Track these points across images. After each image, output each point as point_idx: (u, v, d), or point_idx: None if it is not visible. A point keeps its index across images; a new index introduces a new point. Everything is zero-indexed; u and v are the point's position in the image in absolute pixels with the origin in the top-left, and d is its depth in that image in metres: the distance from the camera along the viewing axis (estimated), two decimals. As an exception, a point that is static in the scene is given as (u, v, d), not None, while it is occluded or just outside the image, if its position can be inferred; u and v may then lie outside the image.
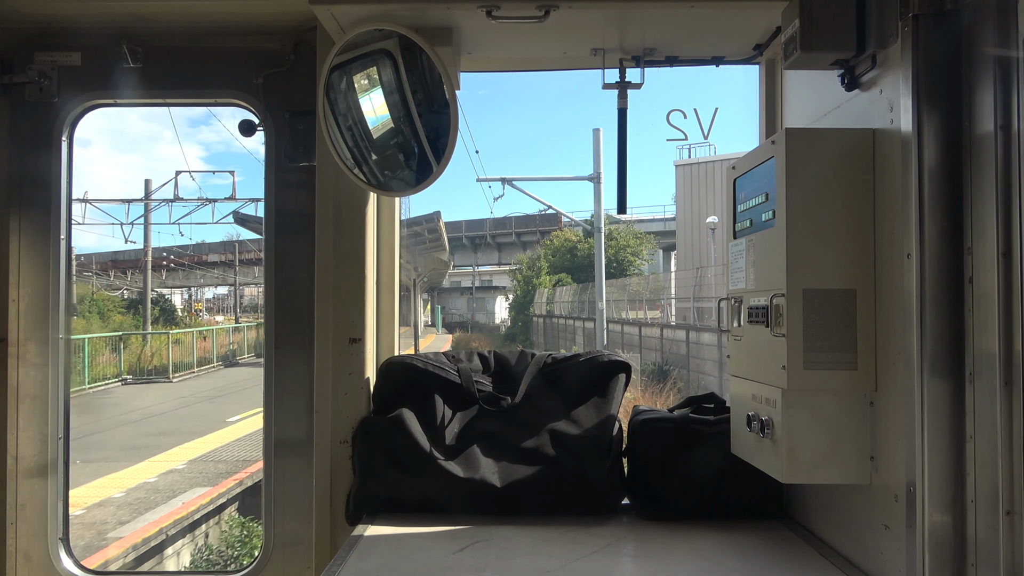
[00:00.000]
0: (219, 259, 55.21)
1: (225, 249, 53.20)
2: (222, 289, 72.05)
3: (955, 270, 1.51)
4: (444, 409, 2.42)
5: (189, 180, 61.82)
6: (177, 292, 64.43)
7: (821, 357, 1.79)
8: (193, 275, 59.66)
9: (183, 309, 57.33)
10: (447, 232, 63.62)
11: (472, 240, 66.39)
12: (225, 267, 54.61)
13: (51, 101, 2.59)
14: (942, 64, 1.53)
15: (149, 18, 2.55)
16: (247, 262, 51.40)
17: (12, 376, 2.58)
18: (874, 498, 1.77)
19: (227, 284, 58.82)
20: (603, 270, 26.07)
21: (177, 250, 54.71)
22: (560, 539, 2.14)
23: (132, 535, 10.03)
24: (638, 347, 28.94)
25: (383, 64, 2.25)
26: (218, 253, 55.12)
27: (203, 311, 62.12)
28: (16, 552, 2.57)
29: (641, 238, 45.81)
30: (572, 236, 48.53)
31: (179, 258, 55.35)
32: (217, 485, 12.56)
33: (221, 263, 54.94)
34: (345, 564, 1.95)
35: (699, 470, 2.29)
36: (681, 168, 42.18)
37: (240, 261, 49.16)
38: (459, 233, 65.76)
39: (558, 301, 42.69)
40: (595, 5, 2.07)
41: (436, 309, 65.38)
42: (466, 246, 66.98)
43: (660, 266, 47.42)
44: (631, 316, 33.56)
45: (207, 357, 33.32)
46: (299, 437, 2.57)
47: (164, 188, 32.62)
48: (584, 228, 48.16)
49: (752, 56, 2.42)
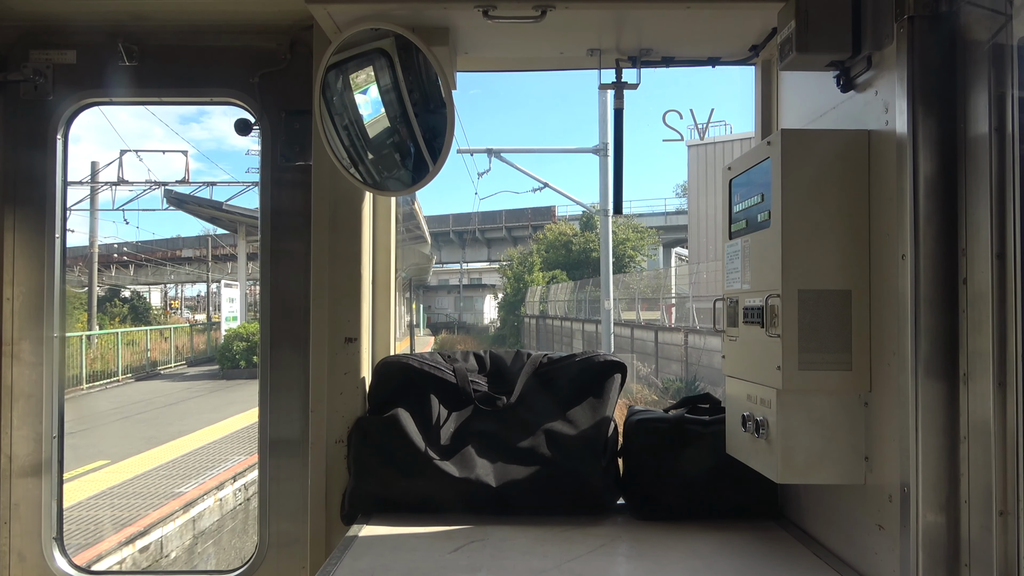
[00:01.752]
0: (193, 254, 51.12)
1: (200, 244, 48.87)
2: (208, 286, 69.89)
3: (949, 271, 1.52)
4: (439, 409, 2.42)
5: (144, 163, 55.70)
6: (157, 289, 61.15)
7: (816, 358, 1.79)
8: (165, 271, 56.37)
9: (159, 307, 54.13)
10: (430, 226, 60.52)
11: (460, 235, 63.62)
12: (201, 263, 50.18)
13: (46, 99, 2.58)
14: (937, 66, 1.54)
15: (144, 16, 2.54)
16: (221, 258, 48.13)
17: (6, 375, 2.58)
18: (868, 498, 1.78)
19: (201, 281, 54.56)
20: (610, 259, 21.97)
21: (142, 245, 51.14)
22: (555, 539, 2.14)
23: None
24: (653, 355, 24.75)
25: (379, 63, 2.24)
26: (192, 248, 50.91)
27: (180, 309, 58.67)
28: (10, 552, 2.56)
29: (642, 232, 43.54)
30: (567, 229, 46.11)
31: (150, 253, 52.62)
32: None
33: (196, 259, 51.02)
34: (340, 564, 1.94)
35: (694, 470, 2.30)
36: (694, 149, 36.32)
37: (214, 257, 45.90)
38: (446, 228, 62.98)
39: (552, 300, 40.15)
40: (591, 5, 2.07)
41: (419, 308, 63.07)
42: (453, 241, 64.18)
43: (660, 263, 44.76)
44: (634, 317, 29.16)
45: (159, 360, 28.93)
46: (294, 437, 2.57)
47: (109, 168, 29.35)
48: (581, 220, 44.87)
49: (748, 57, 2.42)
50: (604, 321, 22.33)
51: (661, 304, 28.33)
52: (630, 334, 27.63)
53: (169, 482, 11.05)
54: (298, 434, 2.55)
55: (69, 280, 51.74)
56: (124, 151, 28.07)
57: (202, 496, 10.19)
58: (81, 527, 9.04)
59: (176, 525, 9.33)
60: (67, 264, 2.74)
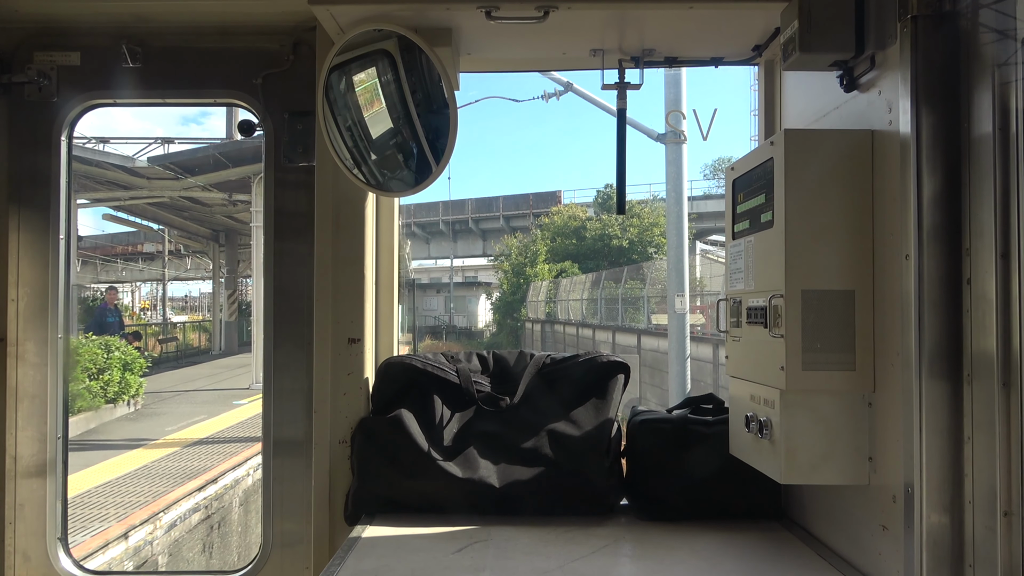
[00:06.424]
0: (155, 249, 44.30)
1: (161, 238, 42.86)
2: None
3: (953, 271, 1.51)
4: (443, 409, 2.42)
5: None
6: (128, 289, 55.41)
7: (820, 358, 1.79)
8: (129, 268, 51.45)
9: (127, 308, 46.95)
10: (417, 216, 56.19)
11: (451, 226, 55.90)
12: (170, 258, 44.44)
13: (50, 101, 2.59)
14: (941, 65, 1.54)
15: (148, 18, 2.55)
16: (182, 254, 44.79)
17: (11, 376, 2.58)
18: (872, 499, 1.77)
19: (159, 279, 47.78)
20: (685, 218, 13.29)
21: (97, 239, 46.30)
22: (559, 539, 2.14)
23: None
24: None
25: (382, 64, 2.25)
26: (154, 242, 43.67)
27: (149, 310, 53.15)
28: (15, 552, 2.57)
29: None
30: (579, 212, 39.41)
31: (106, 249, 48.09)
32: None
33: (159, 254, 44.25)
34: (344, 564, 1.95)
35: (697, 471, 2.29)
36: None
37: (170, 252, 42.08)
38: (435, 217, 56.16)
39: (562, 300, 33.48)
40: (594, 6, 2.07)
41: (399, 309, 58.34)
42: (443, 232, 56.54)
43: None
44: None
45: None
46: (298, 437, 2.57)
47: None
48: (596, 203, 37.22)
49: (751, 57, 2.42)
50: (674, 329, 13.58)
51: (697, 304, 20.84)
52: (710, 355, 17.29)
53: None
54: (302, 434, 2.56)
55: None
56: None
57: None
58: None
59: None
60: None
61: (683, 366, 13.40)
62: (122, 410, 15.53)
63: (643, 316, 26.12)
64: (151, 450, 12.17)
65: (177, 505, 8.80)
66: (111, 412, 15.12)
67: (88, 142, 21.48)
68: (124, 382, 15.40)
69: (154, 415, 15.87)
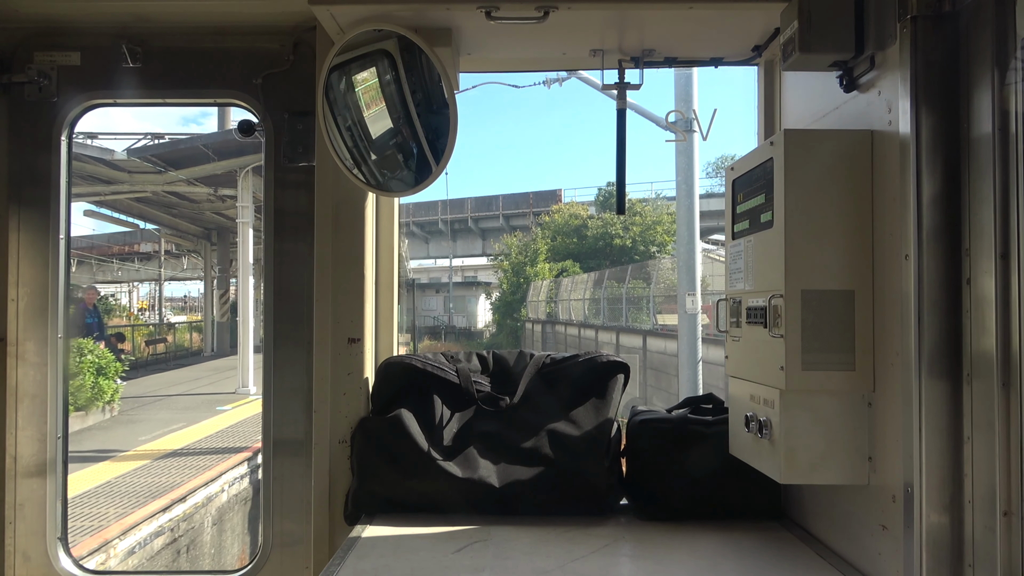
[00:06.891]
0: (152, 249, 43.94)
1: (157, 237, 41.81)
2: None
3: (953, 271, 1.51)
4: (443, 409, 2.42)
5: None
6: (126, 289, 54.42)
7: (819, 358, 1.79)
8: (125, 268, 50.25)
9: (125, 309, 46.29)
10: (416, 215, 55.53)
11: (450, 225, 55.66)
12: (167, 257, 43.79)
13: (50, 101, 2.59)
14: (940, 66, 1.54)
15: (148, 18, 2.55)
16: (176, 253, 43.91)
17: (11, 375, 2.58)
18: (872, 499, 1.78)
19: (156, 280, 46.60)
20: (696, 212, 12.36)
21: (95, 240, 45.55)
22: (558, 539, 2.14)
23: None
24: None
25: (382, 65, 2.25)
26: (151, 242, 42.75)
27: (147, 311, 52.08)
28: (15, 552, 2.57)
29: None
30: (580, 211, 39.42)
31: (102, 249, 46.07)
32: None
33: (155, 253, 43.36)
34: (343, 564, 1.95)
35: (697, 470, 2.30)
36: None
37: (166, 252, 41.57)
38: (434, 216, 55.96)
39: (563, 299, 33.06)
40: (594, 6, 2.07)
41: (397, 309, 57.02)
42: (442, 232, 56.35)
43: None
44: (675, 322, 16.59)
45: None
46: (298, 437, 2.57)
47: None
48: (597, 201, 36.89)
49: (751, 57, 2.42)
50: (686, 331, 12.76)
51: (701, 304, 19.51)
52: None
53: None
54: (301, 434, 2.56)
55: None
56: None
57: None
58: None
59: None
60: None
61: (695, 370, 12.57)
62: (95, 417, 14.67)
63: (646, 316, 25.44)
64: (118, 463, 11.19)
65: (137, 529, 7.97)
66: (81, 420, 14.17)
67: (76, 137, 20.69)
68: (97, 387, 14.57)
69: (129, 423, 14.92)
